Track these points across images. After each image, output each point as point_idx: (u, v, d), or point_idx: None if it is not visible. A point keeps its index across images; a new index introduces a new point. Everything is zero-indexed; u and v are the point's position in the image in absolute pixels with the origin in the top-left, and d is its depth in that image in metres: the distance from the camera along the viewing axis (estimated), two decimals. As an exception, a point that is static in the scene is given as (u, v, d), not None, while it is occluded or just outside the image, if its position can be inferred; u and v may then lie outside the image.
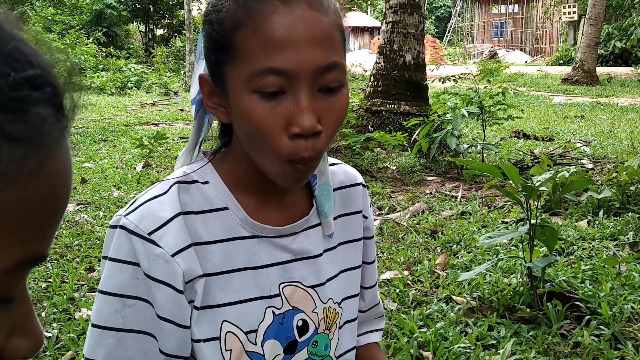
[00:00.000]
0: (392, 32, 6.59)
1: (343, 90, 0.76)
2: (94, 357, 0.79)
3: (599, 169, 5.05)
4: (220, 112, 0.80)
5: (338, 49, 0.75)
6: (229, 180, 0.85)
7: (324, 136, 0.74)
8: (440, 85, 8.02)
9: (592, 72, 15.64)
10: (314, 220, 0.91)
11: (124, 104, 12.10)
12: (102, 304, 0.79)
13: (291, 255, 0.87)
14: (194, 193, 0.83)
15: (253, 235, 0.84)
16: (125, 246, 0.78)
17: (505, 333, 2.22)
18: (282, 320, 0.86)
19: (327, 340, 0.92)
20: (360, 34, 38.05)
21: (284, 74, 0.71)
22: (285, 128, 0.73)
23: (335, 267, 0.94)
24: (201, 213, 0.82)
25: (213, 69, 0.78)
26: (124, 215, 0.79)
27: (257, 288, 0.84)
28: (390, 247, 3.28)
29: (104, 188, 4.72)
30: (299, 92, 0.72)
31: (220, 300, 0.82)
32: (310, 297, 0.89)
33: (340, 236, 0.95)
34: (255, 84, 0.71)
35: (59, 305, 2.55)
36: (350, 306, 0.97)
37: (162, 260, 0.77)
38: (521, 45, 32.26)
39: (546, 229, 2.37)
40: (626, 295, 2.45)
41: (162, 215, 0.79)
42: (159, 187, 0.82)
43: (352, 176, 1.00)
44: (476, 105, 5.13)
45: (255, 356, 0.84)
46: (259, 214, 0.85)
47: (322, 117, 0.74)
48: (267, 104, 0.72)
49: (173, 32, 25.33)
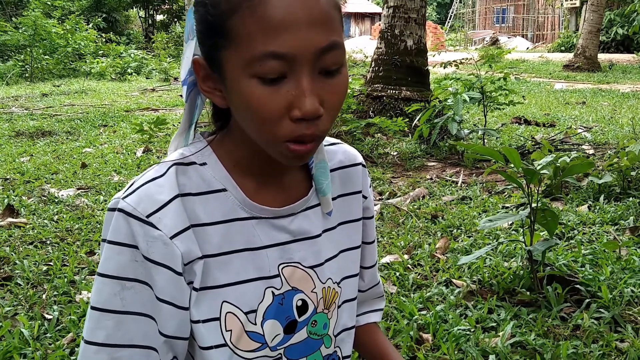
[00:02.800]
0: (393, 16, 6.55)
1: (342, 70, 0.75)
2: (93, 340, 0.78)
3: (599, 154, 5.04)
4: (217, 96, 0.79)
5: (337, 28, 0.73)
6: (228, 162, 0.84)
7: (325, 118, 0.74)
8: (441, 71, 7.98)
9: (594, 58, 15.57)
10: (313, 201, 0.90)
11: (124, 89, 12.06)
12: (101, 286, 0.78)
13: (290, 236, 0.87)
14: (192, 175, 0.82)
15: (252, 216, 0.84)
16: (124, 229, 0.77)
17: (505, 316, 2.22)
18: (282, 300, 0.86)
19: (326, 320, 0.92)
20: (361, 19, 37.86)
21: (284, 57, 0.69)
22: (286, 112, 0.72)
23: (334, 247, 0.93)
24: (199, 195, 0.81)
25: (208, 53, 0.76)
26: (122, 198, 0.78)
27: (256, 269, 0.84)
28: (390, 232, 3.28)
29: (105, 173, 4.72)
30: (300, 76, 0.70)
31: (219, 281, 0.82)
32: (310, 277, 0.89)
33: (339, 216, 0.95)
34: (255, 69, 0.70)
35: (60, 287, 2.56)
36: (349, 286, 0.97)
37: (161, 243, 0.77)
38: (523, 31, 32.10)
39: (547, 212, 2.37)
40: (626, 279, 2.45)
41: (160, 197, 0.78)
42: (156, 170, 0.82)
43: (352, 156, 0.99)
44: (477, 91, 5.10)
45: (255, 336, 0.84)
46: (257, 195, 0.85)
47: (324, 99, 0.73)
48: (268, 88, 0.71)
49: (173, 18, 25.20)
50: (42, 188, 4.22)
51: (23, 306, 2.42)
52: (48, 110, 8.64)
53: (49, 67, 15.03)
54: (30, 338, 2.11)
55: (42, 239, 3.20)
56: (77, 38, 16.37)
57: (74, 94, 11.05)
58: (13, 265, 2.83)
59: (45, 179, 4.53)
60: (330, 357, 0.94)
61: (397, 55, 6.54)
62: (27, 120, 7.53)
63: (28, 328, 2.17)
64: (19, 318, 2.26)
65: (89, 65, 15.19)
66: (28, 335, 2.12)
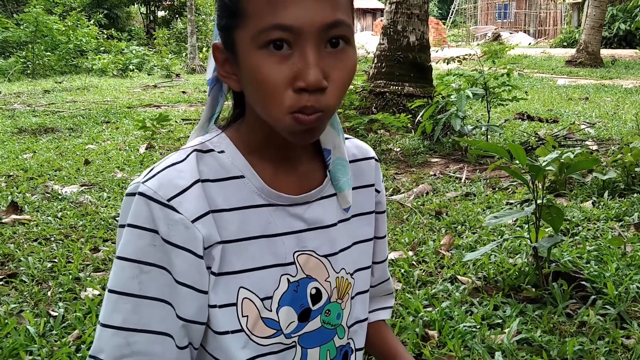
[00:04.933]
0: (395, 12, 6.53)
1: (350, 50, 0.77)
2: (110, 323, 0.78)
3: (603, 150, 5.03)
4: (232, 80, 0.81)
5: (345, 9, 0.75)
6: (244, 149, 0.85)
7: (330, 92, 0.75)
8: (444, 67, 7.96)
9: (596, 54, 15.51)
10: (328, 190, 0.91)
11: (125, 86, 12.06)
12: (119, 269, 0.79)
13: (305, 224, 0.88)
14: (211, 162, 0.83)
15: (269, 203, 0.85)
16: (144, 212, 0.77)
17: (511, 312, 2.22)
18: (297, 288, 0.87)
19: (339, 310, 0.92)
20: (363, 15, 37.80)
21: (289, 29, 0.71)
22: (291, 83, 0.73)
23: (348, 239, 0.94)
24: (218, 181, 0.82)
25: (224, 35, 0.79)
26: (142, 182, 0.79)
27: (272, 256, 0.85)
28: (394, 228, 3.28)
29: (108, 169, 4.72)
30: (305, 48, 0.72)
31: (236, 267, 0.82)
32: (324, 266, 0.89)
33: (353, 209, 0.96)
34: (261, 40, 0.72)
35: (65, 284, 2.56)
36: (362, 278, 0.97)
37: (182, 226, 0.77)
38: (525, 27, 32.01)
39: (552, 209, 2.36)
40: (632, 275, 2.44)
41: (181, 182, 0.79)
42: (176, 155, 0.83)
43: (365, 150, 1.00)
44: (481, 87, 5.09)
45: (270, 322, 0.84)
46: (274, 182, 0.86)
47: (329, 73, 0.74)
48: (274, 61, 0.73)
49: (174, 14, 25.13)
50: (46, 185, 4.22)
51: (28, 303, 2.42)
52: (50, 106, 8.63)
53: (50, 63, 15.03)
54: (36, 335, 2.11)
55: (46, 236, 3.20)
56: (78, 34, 16.36)
57: (76, 90, 11.05)
58: (18, 262, 2.83)
59: (49, 176, 4.53)
60: (344, 348, 0.94)
61: (400, 51, 6.52)
62: (30, 117, 7.53)
63: (34, 325, 2.17)
64: (25, 315, 2.26)
65: (91, 62, 15.19)
66: (34, 333, 2.12)
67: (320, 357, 0.91)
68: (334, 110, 0.78)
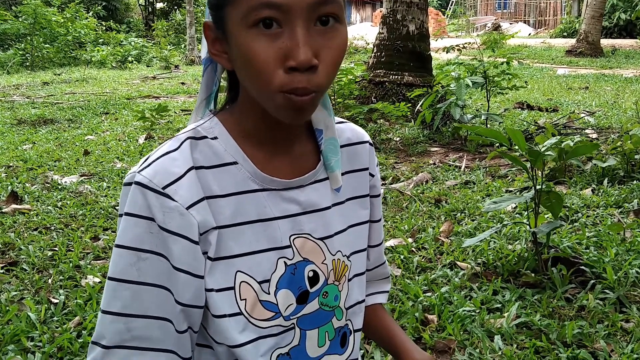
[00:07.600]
0: (395, 1, 6.51)
1: (340, 27, 0.77)
2: (110, 309, 0.80)
3: (603, 138, 5.02)
4: (223, 59, 0.82)
5: None
6: (237, 134, 0.86)
7: (321, 71, 0.75)
8: (444, 57, 7.94)
9: (597, 43, 15.47)
10: (322, 174, 0.92)
11: (124, 77, 12.03)
12: (118, 257, 0.80)
13: (299, 207, 0.88)
14: (204, 149, 0.84)
15: (263, 188, 0.86)
16: (140, 201, 0.79)
17: (510, 297, 2.23)
18: (294, 270, 0.87)
19: (336, 292, 0.93)
20: (362, 6, 37.65)
21: (278, 7, 0.71)
22: (281, 62, 0.73)
23: (343, 222, 0.95)
24: (212, 168, 0.83)
25: (215, 14, 0.79)
26: (138, 172, 0.80)
27: (268, 239, 0.86)
28: (394, 216, 3.28)
29: (107, 160, 4.72)
30: (294, 27, 0.72)
31: (233, 251, 0.83)
32: (320, 248, 0.90)
33: (348, 192, 0.96)
34: (251, 18, 0.72)
35: (65, 272, 2.57)
36: (358, 260, 0.98)
37: (177, 213, 0.79)
38: (525, 17, 31.90)
39: (551, 194, 2.37)
40: (631, 260, 2.45)
41: (175, 170, 0.80)
42: (170, 144, 0.84)
43: (359, 134, 1.01)
44: (480, 75, 5.08)
45: (269, 305, 0.85)
46: (267, 167, 0.86)
47: (319, 52, 0.74)
48: (264, 40, 0.73)
49: (173, 5, 25.05)
50: (45, 175, 4.22)
51: (29, 291, 2.43)
52: (49, 98, 8.62)
53: (49, 55, 14.99)
54: (37, 321, 2.12)
55: (46, 225, 3.20)
56: (77, 26, 16.30)
57: (75, 82, 11.03)
58: (18, 250, 2.84)
59: (48, 166, 4.53)
60: (342, 330, 0.95)
61: (399, 40, 6.51)
62: (29, 109, 7.52)
63: (35, 312, 2.18)
64: (26, 302, 2.27)
65: (90, 54, 15.14)
66: (35, 319, 2.13)
67: (319, 338, 0.91)
68: (326, 89, 0.78)
